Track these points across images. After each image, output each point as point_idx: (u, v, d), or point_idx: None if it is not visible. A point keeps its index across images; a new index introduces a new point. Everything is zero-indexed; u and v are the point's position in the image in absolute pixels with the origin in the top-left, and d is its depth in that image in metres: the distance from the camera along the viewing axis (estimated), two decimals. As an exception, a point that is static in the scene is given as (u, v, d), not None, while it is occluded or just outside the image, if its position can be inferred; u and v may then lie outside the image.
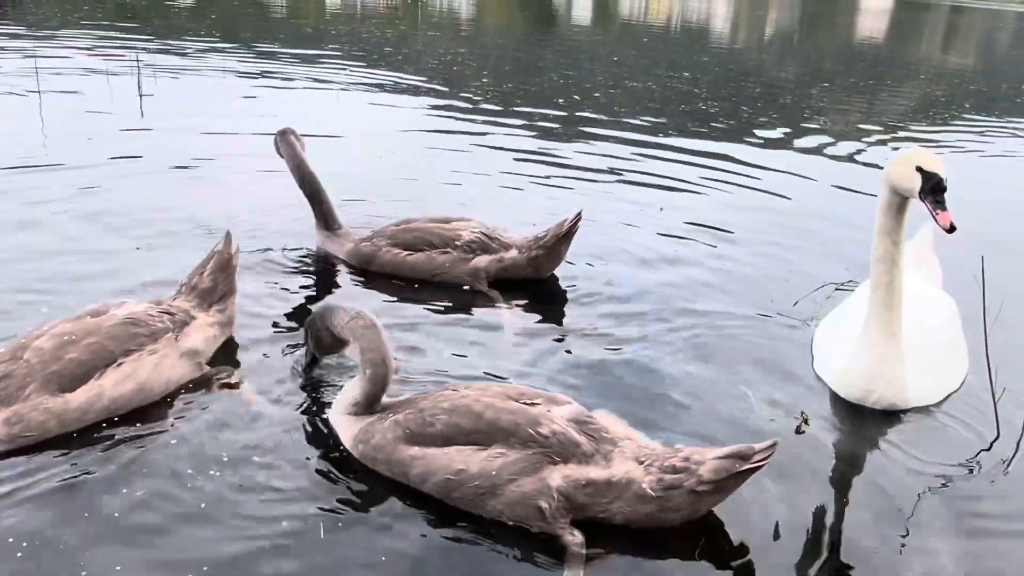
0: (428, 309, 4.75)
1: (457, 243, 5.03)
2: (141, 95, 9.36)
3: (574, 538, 2.90)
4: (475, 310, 4.78)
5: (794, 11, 41.47)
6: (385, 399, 3.42)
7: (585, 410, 3.23)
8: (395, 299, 4.86)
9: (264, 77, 11.21)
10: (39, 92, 8.98)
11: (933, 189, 3.61)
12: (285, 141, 5.25)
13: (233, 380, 3.74)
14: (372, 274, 5.12)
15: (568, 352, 4.38)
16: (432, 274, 5.04)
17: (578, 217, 4.97)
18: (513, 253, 5.07)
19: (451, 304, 4.84)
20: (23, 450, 3.15)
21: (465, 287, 5.05)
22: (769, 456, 2.92)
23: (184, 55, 12.32)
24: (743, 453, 2.92)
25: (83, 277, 4.73)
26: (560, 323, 4.78)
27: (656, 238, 6.13)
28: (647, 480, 2.93)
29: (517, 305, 4.90)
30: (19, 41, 12.28)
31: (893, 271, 3.90)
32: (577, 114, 10.59)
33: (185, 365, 3.68)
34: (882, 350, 3.96)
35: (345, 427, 3.36)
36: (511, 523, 3.00)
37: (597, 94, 12.32)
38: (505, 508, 2.98)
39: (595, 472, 2.96)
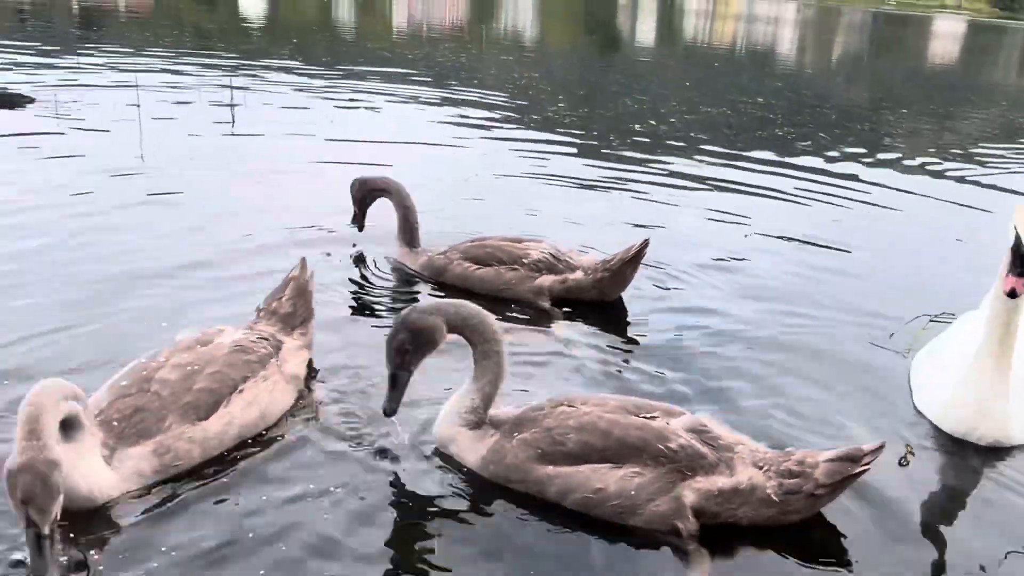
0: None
1: (525, 261, 5.26)
2: (233, 110, 9.81)
3: (701, 554, 3.05)
4: (539, 327, 4.96)
5: (863, 35, 40.90)
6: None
7: (699, 419, 3.36)
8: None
9: (346, 98, 11.58)
10: (138, 106, 9.47)
11: (1013, 249, 3.72)
12: (396, 184, 5.65)
13: (327, 400, 3.88)
14: (443, 288, 5.36)
15: (638, 369, 4.49)
16: (498, 289, 5.25)
17: (645, 243, 5.13)
18: (578, 275, 5.24)
19: (517, 319, 5.02)
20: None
21: (533, 304, 5.21)
22: (876, 457, 3.10)
23: (269, 75, 12.83)
24: (853, 455, 3.11)
25: (181, 289, 5.00)
26: (627, 340, 4.89)
27: (740, 265, 6.18)
28: (769, 486, 3.11)
29: (581, 322, 5.06)
30: (114, 63, 12.94)
31: (1013, 312, 3.92)
32: (654, 139, 10.69)
33: (292, 390, 3.82)
34: (988, 386, 3.98)
35: (468, 446, 3.44)
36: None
37: (673, 119, 12.42)
38: (644, 525, 3.15)
39: (722, 481, 3.13)
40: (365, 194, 5.78)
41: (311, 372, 4.11)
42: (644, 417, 3.29)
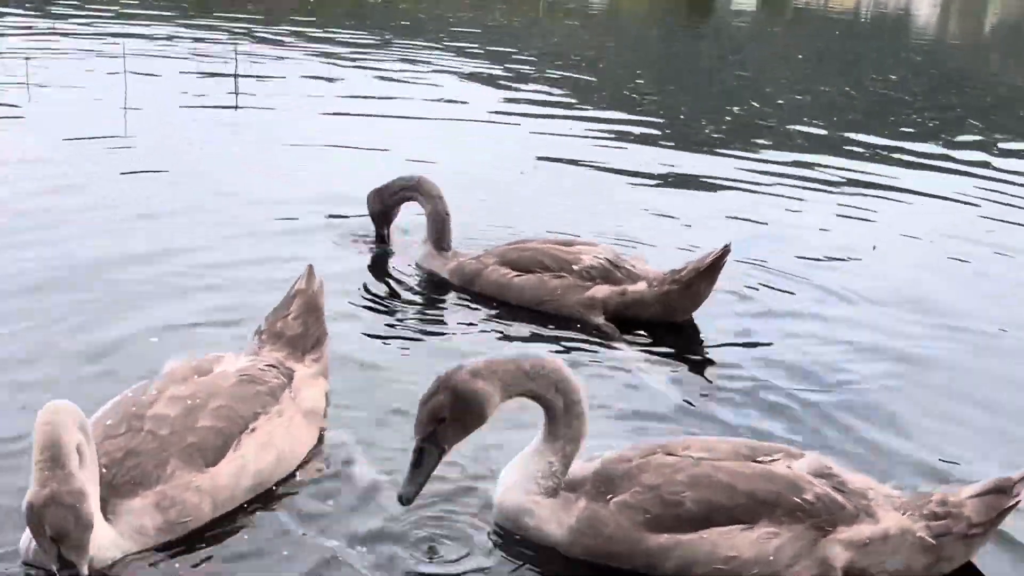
0: (539, 345, 4.74)
1: (575, 267, 5.19)
2: (236, 80, 9.94)
3: None
4: (595, 349, 4.84)
5: (1022, -3, 40.21)
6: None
7: (823, 460, 3.36)
8: (494, 331, 4.98)
9: (373, 68, 11.75)
10: (124, 74, 9.63)
11: None
12: (419, 177, 5.73)
13: (350, 440, 3.83)
14: (475, 299, 5.31)
15: (722, 399, 4.44)
16: (540, 301, 5.20)
17: (725, 251, 4.98)
18: (640, 286, 5.15)
19: (566, 340, 4.90)
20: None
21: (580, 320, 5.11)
22: None
23: (281, 40, 13.17)
24: (1002, 486, 3.21)
25: (161, 280, 5.12)
26: (706, 364, 4.85)
27: (856, 273, 6.17)
28: (919, 529, 3.21)
29: (647, 343, 4.96)
30: (96, 22, 13.32)
31: None
32: (756, 124, 10.64)
33: (310, 428, 3.80)
34: None
35: (550, 518, 3.31)
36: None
37: (781, 100, 12.39)
38: None
39: (869, 530, 3.20)
40: (385, 205, 5.81)
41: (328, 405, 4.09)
42: (763, 462, 3.28)
